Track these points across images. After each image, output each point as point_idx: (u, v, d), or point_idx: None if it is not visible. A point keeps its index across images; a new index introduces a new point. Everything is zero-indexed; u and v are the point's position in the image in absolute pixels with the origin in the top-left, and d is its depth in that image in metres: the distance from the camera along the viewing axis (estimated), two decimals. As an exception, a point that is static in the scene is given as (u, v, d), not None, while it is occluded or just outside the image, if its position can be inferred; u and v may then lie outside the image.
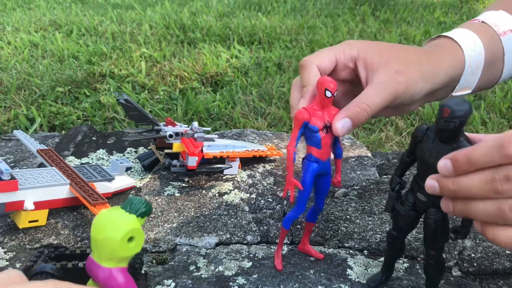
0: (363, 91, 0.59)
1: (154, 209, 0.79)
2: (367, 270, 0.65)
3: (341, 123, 0.57)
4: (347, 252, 0.70)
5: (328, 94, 0.56)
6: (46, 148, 0.87)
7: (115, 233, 0.44)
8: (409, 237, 0.72)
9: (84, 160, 0.96)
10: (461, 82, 0.67)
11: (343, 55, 0.62)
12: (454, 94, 0.68)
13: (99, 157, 0.98)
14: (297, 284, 0.61)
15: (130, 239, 0.45)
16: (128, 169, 0.86)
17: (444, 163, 0.44)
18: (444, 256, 0.68)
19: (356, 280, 0.63)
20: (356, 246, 0.72)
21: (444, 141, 0.48)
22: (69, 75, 1.76)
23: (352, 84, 0.66)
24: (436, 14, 3.13)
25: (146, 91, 1.72)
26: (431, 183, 0.46)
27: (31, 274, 0.56)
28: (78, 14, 2.73)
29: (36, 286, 0.40)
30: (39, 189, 0.72)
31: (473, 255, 0.69)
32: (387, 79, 0.58)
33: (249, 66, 1.96)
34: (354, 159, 1.00)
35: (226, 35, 2.36)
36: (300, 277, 0.63)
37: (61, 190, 0.75)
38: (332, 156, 0.61)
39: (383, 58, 0.60)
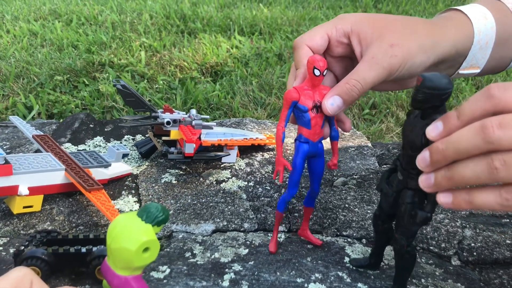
0: (355, 67, 0.56)
1: (150, 196, 0.78)
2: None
3: (330, 101, 0.55)
4: (345, 240, 0.69)
5: (317, 72, 0.54)
6: (42, 134, 0.86)
7: (130, 245, 0.44)
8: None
9: (81, 147, 0.96)
10: (469, 58, 0.64)
11: (335, 31, 0.60)
12: (461, 71, 0.65)
13: (96, 144, 0.97)
14: (293, 271, 0.61)
15: (146, 249, 0.45)
16: (125, 156, 0.85)
17: (434, 125, 0.43)
18: (444, 245, 0.68)
19: (354, 268, 0.62)
20: (354, 234, 0.71)
21: (422, 117, 0.46)
22: (68, 64, 1.75)
23: (351, 59, 0.64)
24: (438, 7, 3.11)
25: (146, 80, 1.71)
26: (421, 155, 0.44)
27: (22, 258, 0.55)
28: (78, 4, 2.71)
29: None
30: (34, 174, 0.71)
31: (472, 244, 0.68)
32: (380, 53, 0.55)
33: (250, 56, 1.95)
34: (354, 149, 0.99)
35: (226, 25, 2.34)
36: (297, 264, 0.62)
37: (56, 176, 0.74)
38: (328, 139, 0.60)
39: (377, 30, 0.57)
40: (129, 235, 0.45)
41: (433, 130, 0.43)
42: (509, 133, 0.37)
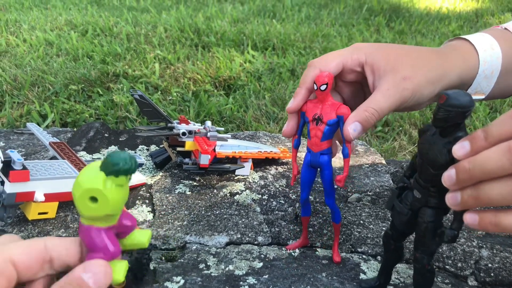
0: (371, 95, 0.60)
1: (164, 207, 0.78)
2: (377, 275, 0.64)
3: (352, 127, 0.58)
4: (360, 257, 0.69)
5: (314, 86, 0.59)
6: (59, 141, 0.86)
7: (75, 190, 0.40)
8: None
9: (96, 156, 0.96)
10: (473, 86, 0.67)
11: (350, 60, 0.63)
12: None
13: (111, 153, 0.97)
14: (308, 286, 0.60)
15: (93, 199, 0.40)
16: (139, 165, 0.85)
17: (461, 144, 0.43)
18: (460, 265, 0.67)
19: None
20: (369, 251, 0.70)
21: (442, 134, 0.47)
22: (83, 74, 1.76)
23: (361, 84, 0.68)
24: (451, 27, 3.11)
25: (159, 92, 1.72)
26: (447, 172, 0.44)
27: None
28: (93, 15, 2.74)
29: (22, 243, 0.40)
30: (50, 181, 0.72)
31: (490, 265, 0.67)
32: (394, 86, 0.59)
33: (263, 71, 1.95)
34: (368, 165, 0.98)
35: (240, 40, 2.36)
36: (312, 279, 0.62)
37: (72, 183, 0.74)
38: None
39: (390, 63, 0.61)
40: (78, 182, 0.40)
41: (459, 149, 0.43)
42: None
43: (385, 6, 3.59)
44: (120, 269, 0.42)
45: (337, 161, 0.96)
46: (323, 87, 0.58)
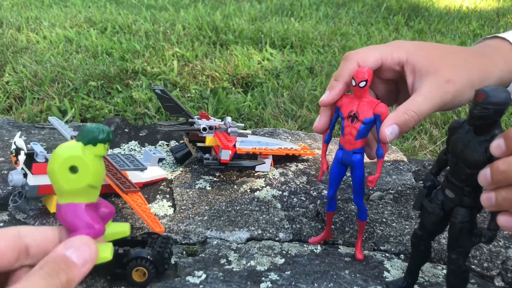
0: (411, 97, 0.58)
1: (184, 201, 0.78)
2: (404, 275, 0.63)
3: (389, 129, 0.55)
4: (383, 255, 0.68)
5: (353, 82, 0.56)
6: (80, 135, 0.86)
7: (53, 163, 0.38)
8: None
9: (116, 150, 0.96)
10: (510, 87, 0.65)
11: (390, 58, 0.61)
12: None
13: (131, 148, 0.97)
14: (332, 283, 0.59)
15: (72, 169, 0.38)
16: (161, 160, 0.85)
17: (496, 143, 0.42)
18: (486, 265, 0.66)
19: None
20: (392, 249, 0.69)
21: (477, 132, 0.45)
22: (102, 70, 1.77)
23: (396, 83, 0.65)
24: (471, 27, 3.07)
25: (178, 89, 1.72)
26: (483, 172, 0.43)
27: None
28: (112, 13, 2.76)
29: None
30: (72, 174, 0.72)
31: (517, 265, 0.66)
32: (436, 88, 0.57)
33: (281, 69, 1.94)
34: (389, 163, 0.97)
35: (258, 38, 2.35)
36: (335, 276, 0.61)
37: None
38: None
39: (432, 63, 0.58)
40: (56, 153, 0.38)
41: (496, 148, 0.42)
42: None
43: (404, 5, 3.55)
44: (106, 248, 0.39)
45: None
46: (362, 84, 0.55)
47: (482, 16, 3.42)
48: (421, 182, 0.89)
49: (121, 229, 0.44)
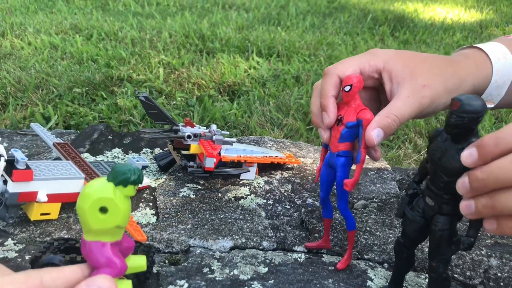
0: (390, 102, 0.59)
1: (168, 210, 0.77)
2: (388, 283, 0.62)
3: (375, 132, 0.56)
4: (367, 264, 0.68)
5: (346, 88, 0.58)
6: (63, 142, 0.85)
7: (83, 202, 0.39)
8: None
9: (99, 158, 0.95)
10: (485, 94, 0.67)
11: (368, 66, 0.62)
12: None
13: (114, 155, 0.96)
14: (315, 293, 0.59)
15: (103, 210, 0.39)
16: (144, 168, 0.85)
17: (468, 152, 0.42)
18: (469, 273, 0.66)
19: (377, 292, 0.60)
20: (376, 258, 0.69)
21: (454, 140, 0.46)
22: (87, 77, 1.76)
23: (377, 90, 0.67)
24: (455, 38, 3.11)
25: (164, 96, 1.72)
26: (461, 180, 0.43)
27: (39, 265, 0.54)
28: (98, 20, 2.75)
29: (16, 278, 0.37)
30: (54, 181, 0.71)
31: (499, 274, 0.66)
32: (414, 93, 0.58)
33: (267, 77, 1.95)
34: (374, 172, 0.97)
35: (245, 46, 2.36)
36: (318, 285, 0.60)
37: (76, 184, 0.73)
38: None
39: (408, 70, 0.60)
40: (86, 193, 0.40)
41: (467, 157, 0.42)
42: None
43: (390, 16, 3.59)
44: (126, 285, 0.41)
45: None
46: (346, 88, 0.57)
47: (465, 28, 3.48)
48: (405, 190, 0.90)
49: (139, 263, 0.47)
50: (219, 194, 0.83)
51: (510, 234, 0.43)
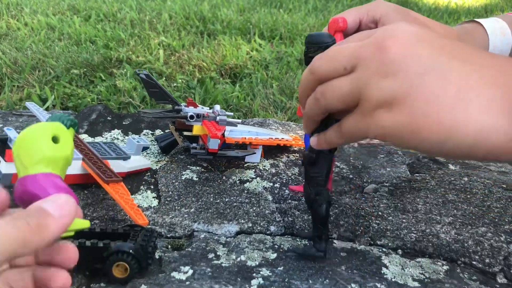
0: None
1: (170, 193, 0.74)
2: (404, 271, 0.59)
3: None
4: (380, 250, 0.64)
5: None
6: (59, 121, 0.81)
7: (34, 132, 0.40)
8: (448, 239, 0.66)
9: (98, 139, 0.91)
10: None
11: (366, 16, 0.63)
12: None
13: (114, 137, 0.92)
14: (327, 280, 0.55)
15: (54, 139, 0.40)
16: (145, 149, 0.81)
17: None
18: (488, 261, 0.62)
19: (393, 279, 0.57)
20: (389, 244, 0.66)
21: None
22: (85, 58, 1.71)
23: None
24: (460, 22, 3.06)
25: (164, 78, 1.67)
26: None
27: None
28: (97, 1, 2.69)
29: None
30: (50, 162, 0.67)
31: (520, 261, 0.63)
32: None
33: (270, 60, 1.90)
34: (383, 155, 0.94)
35: (246, 29, 2.30)
36: (330, 272, 0.57)
37: (73, 165, 0.69)
38: None
39: None
40: (41, 124, 0.41)
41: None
42: (323, 62, 0.43)
43: (393, 0, 3.53)
44: (84, 220, 0.37)
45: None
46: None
47: (470, 12, 3.42)
48: (416, 174, 0.86)
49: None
50: (224, 177, 0.80)
51: (325, 147, 0.49)
